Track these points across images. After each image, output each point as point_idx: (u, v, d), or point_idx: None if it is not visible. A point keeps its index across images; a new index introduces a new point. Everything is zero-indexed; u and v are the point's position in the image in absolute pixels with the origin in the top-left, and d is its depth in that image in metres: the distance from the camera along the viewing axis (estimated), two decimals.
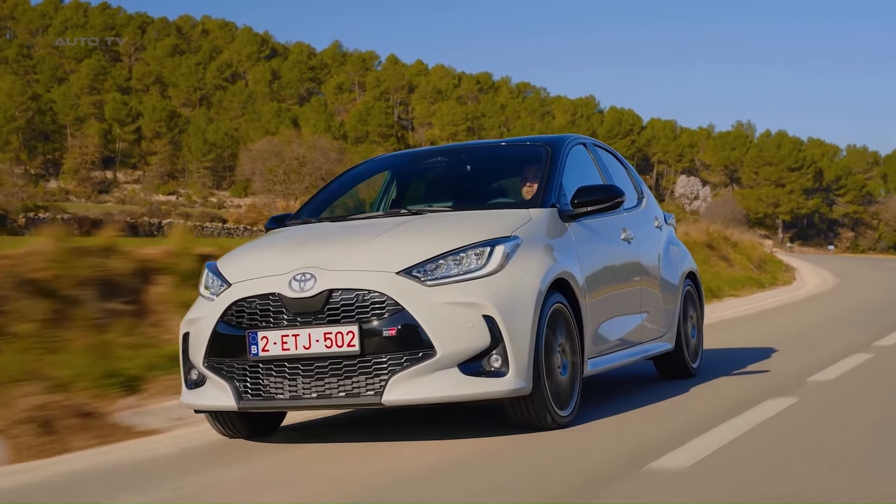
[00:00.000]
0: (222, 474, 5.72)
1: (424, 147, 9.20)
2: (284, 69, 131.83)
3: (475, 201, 7.40)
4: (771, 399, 7.10)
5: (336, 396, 5.97)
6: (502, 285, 6.08)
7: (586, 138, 8.15)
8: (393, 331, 5.88)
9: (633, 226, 7.99)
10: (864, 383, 7.96)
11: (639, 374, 9.05)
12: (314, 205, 7.63)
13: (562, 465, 5.36)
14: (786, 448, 5.55)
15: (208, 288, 6.45)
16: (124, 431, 7.11)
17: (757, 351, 10.54)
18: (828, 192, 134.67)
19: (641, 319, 7.83)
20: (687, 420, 6.53)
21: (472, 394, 5.95)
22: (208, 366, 6.24)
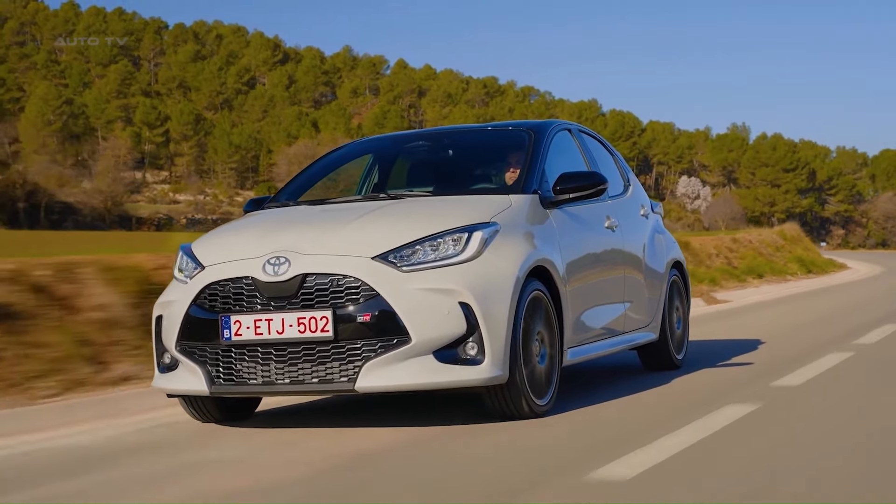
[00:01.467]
0: (185, 457, 5.38)
1: (407, 131, 8.65)
2: (299, 73, 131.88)
3: (456, 186, 7.02)
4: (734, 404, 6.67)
5: (309, 382, 5.62)
6: (479, 272, 5.73)
7: (572, 124, 7.72)
8: (367, 316, 5.54)
9: (617, 213, 7.57)
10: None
11: (625, 363, 8.66)
12: (293, 188, 7.20)
13: (518, 458, 5.00)
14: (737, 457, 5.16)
15: (182, 270, 6.08)
16: None
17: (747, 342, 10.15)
18: (820, 192, 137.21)
19: (624, 309, 7.42)
20: (662, 414, 6.15)
21: (448, 381, 5.61)
22: (180, 349, 5.88)
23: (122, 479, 4.90)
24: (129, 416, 6.83)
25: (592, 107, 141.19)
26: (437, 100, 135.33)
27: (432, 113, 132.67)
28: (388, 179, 7.50)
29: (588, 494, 4.16)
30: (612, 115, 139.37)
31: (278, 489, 4.50)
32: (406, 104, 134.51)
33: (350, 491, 4.43)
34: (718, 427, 5.52)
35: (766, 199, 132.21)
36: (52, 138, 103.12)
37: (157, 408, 7.06)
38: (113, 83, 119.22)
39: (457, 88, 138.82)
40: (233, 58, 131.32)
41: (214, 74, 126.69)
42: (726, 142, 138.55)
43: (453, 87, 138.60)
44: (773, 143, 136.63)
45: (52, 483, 4.88)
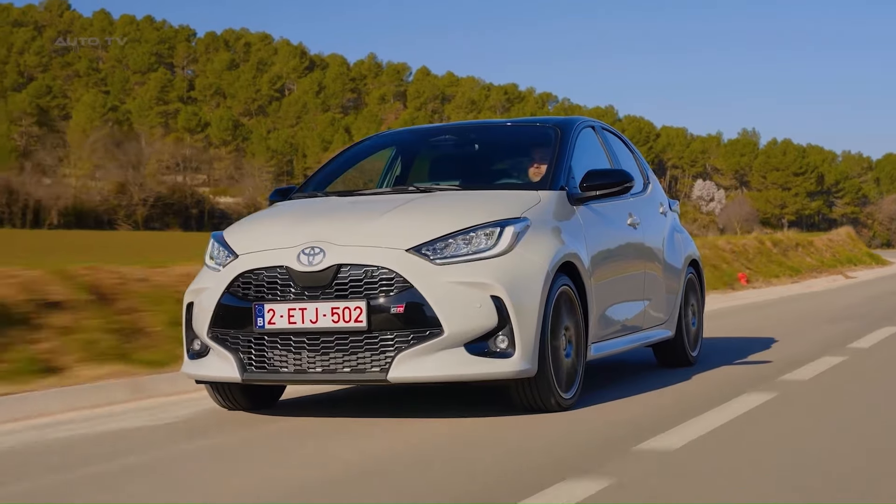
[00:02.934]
0: (201, 444, 5.22)
1: (431, 124, 8.49)
2: (327, 80, 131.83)
3: (482, 181, 6.78)
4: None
5: (341, 372, 5.43)
6: (511, 266, 5.53)
7: (595, 121, 7.47)
8: (401, 308, 5.35)
9: (638, 211, 7.30)
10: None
11: (640, 360, 8.39)
12: (319, 178, 6.96)
13: (550, 448, 4.79)
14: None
15: (213, 258, 5.88)
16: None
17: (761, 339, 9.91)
18: (828, 195, 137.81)
19: (644, 305, 7.17)
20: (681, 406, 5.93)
21: (478, 374, 5.42)
22: (212, 336, 5.68)
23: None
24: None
25: (609, 113, 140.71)
26: (461, 106, 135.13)
27: (458, 119, 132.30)
28: (411, 172, 7.26)
29: (639, 463, 4.07)
30: (628, 121, 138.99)
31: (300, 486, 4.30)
32: (430, 110, 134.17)
33: (371, 485, 4.22)
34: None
35: (778, 202, 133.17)
36: (99, 143, 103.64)
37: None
38: (153, 90, 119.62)
39: (479, 95, 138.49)
40: (263, 65, 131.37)
41: (249, 82, 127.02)
42: (738, 147, 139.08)
43: (476, 94, 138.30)
44: (783, 147, 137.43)
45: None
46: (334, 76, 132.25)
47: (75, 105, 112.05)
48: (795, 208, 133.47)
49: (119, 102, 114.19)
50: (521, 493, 3.88)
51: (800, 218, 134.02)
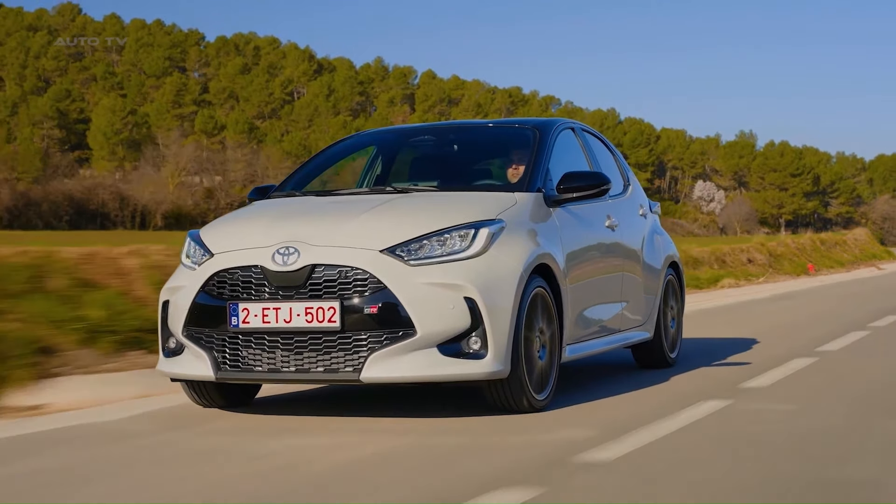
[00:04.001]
0: (159, 439, 5.08)
1: (411, 124, 8.31)
2: (336, 84, 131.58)
3: (460, 182, 6.60)
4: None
5: (314, 371, 5.31)
6: (485, 268, 5.40)
7: (575, 123, 7.29)
8: (374, 308, 5.23)
9: (617, 213, 7.10)
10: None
11: (620, 361, 8.18)
12: (298, 178, 6.77)
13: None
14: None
15: (190, 257, 5.74)
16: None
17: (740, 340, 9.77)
18: (824, 195, 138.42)
19: (622, 307, 6.98)
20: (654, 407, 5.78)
21: (451, 374, 5.29)
22: (187, 335, 5.55)
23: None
24: None
25: (612, 115, 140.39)
26: (468, 109, 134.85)
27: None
28: (392, 172, 7.11)
29: (571, 476, 3.89)
30: (629, 123, 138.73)
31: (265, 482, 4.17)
32: (436, 113, 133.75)
33: (331, 482, 4.09)
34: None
35: (775, 202, 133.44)
36: (120, 147, 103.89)
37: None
38: (169, 94, 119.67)
39: (485, 98, 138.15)
40: (273, 69, 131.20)
41: (263, 86, 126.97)
42: (737, 148, 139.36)
43: (482, 97, 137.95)
44: (780, 150, 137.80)
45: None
46: (343, 80, 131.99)
47: (93, 108, 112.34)
48: (792, 208, 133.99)
49: (136, 106, 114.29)
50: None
51: (796, 218, 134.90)
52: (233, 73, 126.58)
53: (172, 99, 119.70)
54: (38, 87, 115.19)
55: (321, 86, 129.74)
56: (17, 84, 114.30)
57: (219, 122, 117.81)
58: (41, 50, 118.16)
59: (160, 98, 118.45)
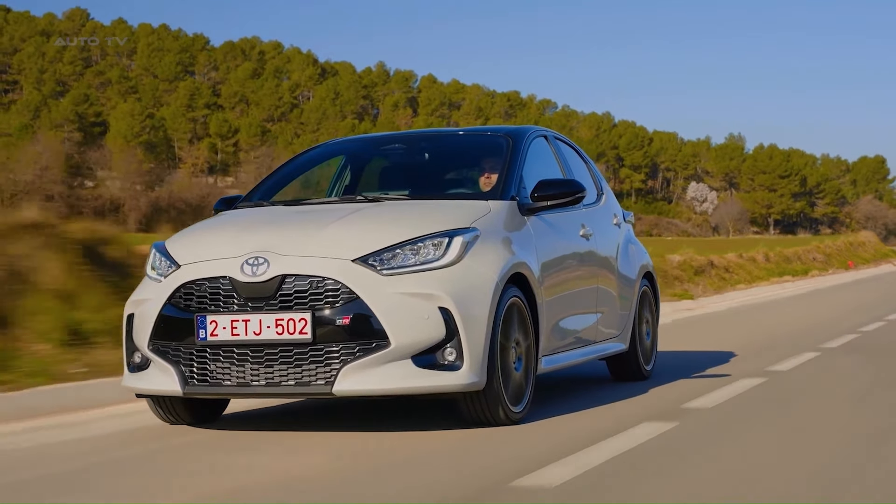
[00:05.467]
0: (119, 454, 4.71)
1: (381, 132, 7.82)
2: (341, 87, 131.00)
3: (431, 190, 6.21)
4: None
5: (285, 385, 4.95)
6: (459, 277, 5.05)
7: (548, 130, 6.84)
8: (346, 319, 4.87)
9: (591, 222, 6.68)
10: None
11: (597, 373, 7.69)
12: (266, 187, 6.34)
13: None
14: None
15: (155, 268, 5.35)
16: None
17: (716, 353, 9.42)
18: (810, 196, 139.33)
19: (596, 318, 6.55)
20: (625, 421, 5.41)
21: (425, 387, 4.94)
22: (153, 349, 5.17)
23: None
24: None
25: (607, 119, 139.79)
26: (469, 113, 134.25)
27: (466, 126, 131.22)
28: (360, 181, 6.71)
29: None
30: (623, 126, 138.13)
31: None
32: (438, 116, 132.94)
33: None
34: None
35: (765, 203, 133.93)
36: (139, 149, 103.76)
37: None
38: (182, 98, 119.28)
39: (486, 102, 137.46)
40: (279, 73, 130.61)
41: (273, 90, 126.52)
42: (727, 151, 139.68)
43: (482, 101, 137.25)
44: (769, 152, 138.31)
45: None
46: (347, 84, 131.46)
47: (110, 112, 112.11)
48: (781, 208, 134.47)
49: (152, 110, 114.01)
50: None
51: (784, 217, 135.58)
52: (243, 78, 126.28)
53: (186, 103, 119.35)
54: (55, 92, 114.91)
55: (327, 90, 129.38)
56: (35, 88, 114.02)
57: (232, 126, 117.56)
58: (56, 55, 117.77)
59: (174, 102, 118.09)
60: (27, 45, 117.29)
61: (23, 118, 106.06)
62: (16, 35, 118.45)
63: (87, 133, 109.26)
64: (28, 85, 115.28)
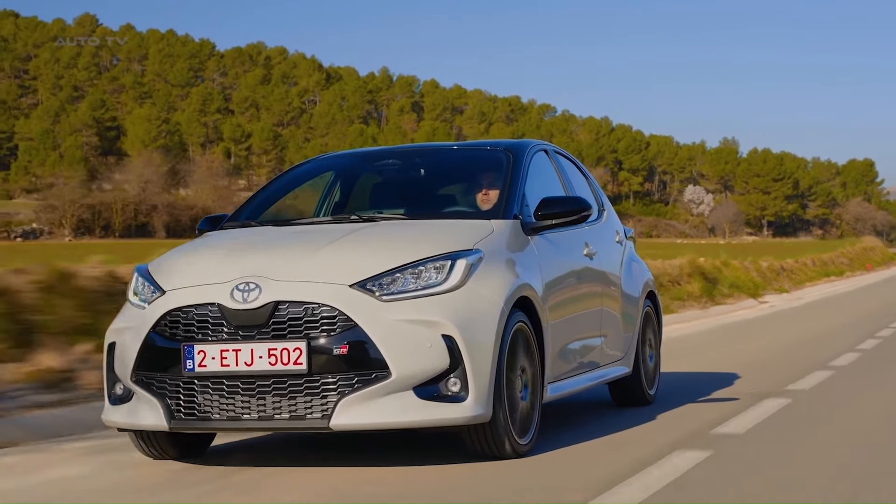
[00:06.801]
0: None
1: (374, 147, 7.20)
2: (347, 93, 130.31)
3: (427, 209, 5.64)
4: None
5: (279, 419, 4.47)
6: (463, 302, 4.56)
7: (548, 144, 6.25)
8: (344, 349, 4.40)
9: (594, 240, 6.12)
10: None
11: (595, 399, 6.98)
12: (253, 206, 5.75)
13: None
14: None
15: (137, 294, 4.85)
16: None
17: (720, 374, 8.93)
18: (802, 198, 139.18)
19: (601, 341, 5.99)
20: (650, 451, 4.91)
21: (428, 420, 4.47)
22: (136, 380, 4.67)
23: None
24: None
25: (605, 123, 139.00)
26: (472, 117, 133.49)
27: (469, 130, 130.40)
28: (351, 199, 6.07)
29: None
30: (621, 130, 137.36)
31: None
32: (441, 121, 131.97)
33: None
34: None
35: (759, 205, 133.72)
36: (157, 153, 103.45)
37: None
38: (196, 103, 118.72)
39: (488, 107, 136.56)
40: (286, 78, 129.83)
41: (283, 95, 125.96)
42: (722, 155, 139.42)
43: (485, 106, 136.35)
44: (763, 156, 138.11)
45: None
46: (353, 89, 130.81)
47: (126, 117, 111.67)
48: (775, 210, 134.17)
49: (167, 115, 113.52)
50: None
51: (777, 219, 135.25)
52: (253, 84, 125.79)
53: (198, 108, 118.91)
54: (72, 97, 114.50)
55: (334, 95, 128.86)
56: (52, 94, 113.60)
57: (245, 130, 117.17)
58: (71, 60, 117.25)
59: (188, 107, 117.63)
60: (42, 51, 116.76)
61: (43, 123, 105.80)
62: (29, 41, 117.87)
63: (102, 137, 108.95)
64: (45, 91, 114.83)
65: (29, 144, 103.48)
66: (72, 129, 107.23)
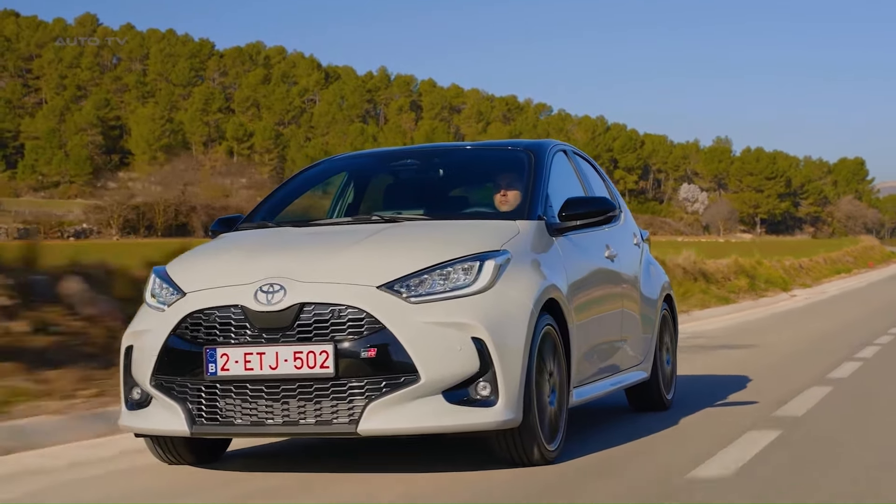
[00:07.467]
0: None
1: (390, 147, 6.89)
2: (346, 92, 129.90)
3: (446, 210, 5.43)
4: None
5: (304, 423, 4.25)
6: (493, 304, 4.36)
7: (566, 145, 5.99)
8: (372, 352, 4.19)
9: (614, 242, 5.88)
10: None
11: (611, 404, 6.65)
12: (268, 207, 5.52)
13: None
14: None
15: (155, 296, 4.62)
16: None
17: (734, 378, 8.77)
18: (795, 196, 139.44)
19: (623, 345, 5.79)
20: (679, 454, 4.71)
21: (457, 425, 4.26)
22: (156, 384, 4.45)
23: None
24: None
25: (601, 122, 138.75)
26: (470, 117, 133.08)
27: (467, 129, 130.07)
28: (364, 200, 5.83)
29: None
30: (616, 129, 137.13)
31: None
32: (440, 120, 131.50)
33: None
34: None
35: (752, 203, 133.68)
36: (161, 152, 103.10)
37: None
38: (198, 103, 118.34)
39: (486, 106, 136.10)
40: (286, 78, 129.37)
41: (284, 95, 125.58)
42: (716, 153, 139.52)
43: (483, 106, 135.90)
44: (756, 155, 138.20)
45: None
46: (352, 88, 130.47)
47: (129, 117, 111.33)
48: (768, 208, 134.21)
49: (170, 114, 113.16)
50: None
51: (771, 216, 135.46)
52: (254, 83, 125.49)
53: (200, 107, 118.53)
54: (75, 97, 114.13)
55: (334, 94, 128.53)
56: (56, 93, 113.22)
57: (247, 129, 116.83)
58: (73, 60, 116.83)
59: (191, 107, 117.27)
60: (45, 51, 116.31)
61: (49, 123, 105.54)
62: (31, 41, 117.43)
63: (106, 136, 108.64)
64: (49, 90, 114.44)
65: (35, 143, 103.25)
66: (77, 128, 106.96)
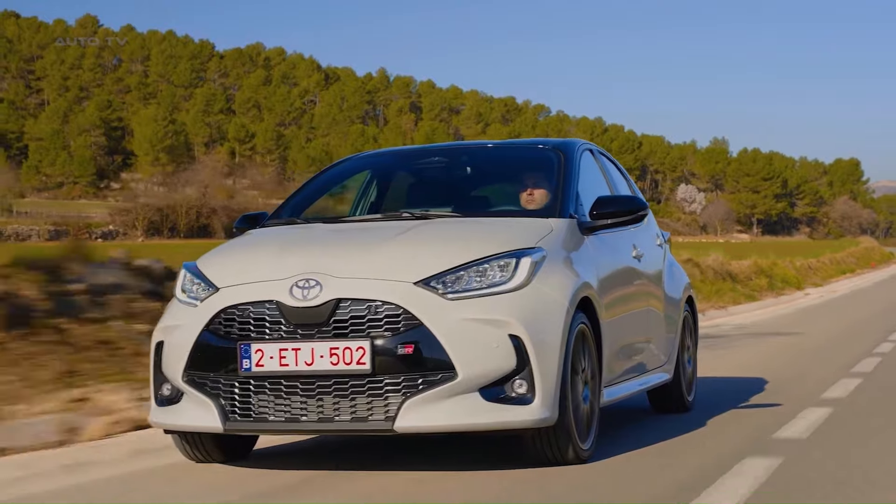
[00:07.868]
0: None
1: (414, 145, 6.78)
2: (347, 93, 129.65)
3: (472, 208, 5.33)
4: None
5: (340, 420, 4.18)
6: (529, 302, 4.29)
7: (591, 144, 5.92)
8: (409, 348, 4.13)
9: (640, 242, 5.81)
10: None
11: (631, 405, 6.51)
12: (293, 204, 5.42)
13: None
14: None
15: (186, 291, 4.53)
16: None
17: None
18: (791, 196, 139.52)
19: (649, 345, 5.72)
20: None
21: (494, 422, 4.19)
22: (188, 380, 4.36)
23: None
24: None
25: (599, 124, 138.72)
26: (470, 118, 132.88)
27: (467, 130, 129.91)
28: (388, 198, 5.70)
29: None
30: (614, 131, 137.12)
31: None
32: (439, 121, 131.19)
33: None
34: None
35: (749, 203, 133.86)
36: (164, 153, 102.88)
37: None
38: (200, 104, 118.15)
39: (485, 107, 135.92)
40: (286, 79, 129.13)
41: (285, 96, 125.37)
42: (713, 154, 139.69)
43: (482, 107, 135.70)
44: (752, 156, 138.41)
45: None
46: (352, 90, 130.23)
47: (132, 117, 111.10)
48: (764, 209, 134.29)
49: (172, 115, 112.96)
50: None
51: (767, 216, 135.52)
52: (255, 85, 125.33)
53: (202, 108, 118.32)
54: (78, 98, 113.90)
55: (334, 96, 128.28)
56: (59, 94, 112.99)
57: (249, 130, 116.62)
58: (75, 62, 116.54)
59: (193, 108, 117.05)
60: (47, 52, 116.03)
61: (52, 124, 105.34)
62: (32, 42, 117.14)
63: (109, 137, 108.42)
64: (51, 91, 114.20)
65: (39, 144, 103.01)
66: (80, 129, 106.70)
